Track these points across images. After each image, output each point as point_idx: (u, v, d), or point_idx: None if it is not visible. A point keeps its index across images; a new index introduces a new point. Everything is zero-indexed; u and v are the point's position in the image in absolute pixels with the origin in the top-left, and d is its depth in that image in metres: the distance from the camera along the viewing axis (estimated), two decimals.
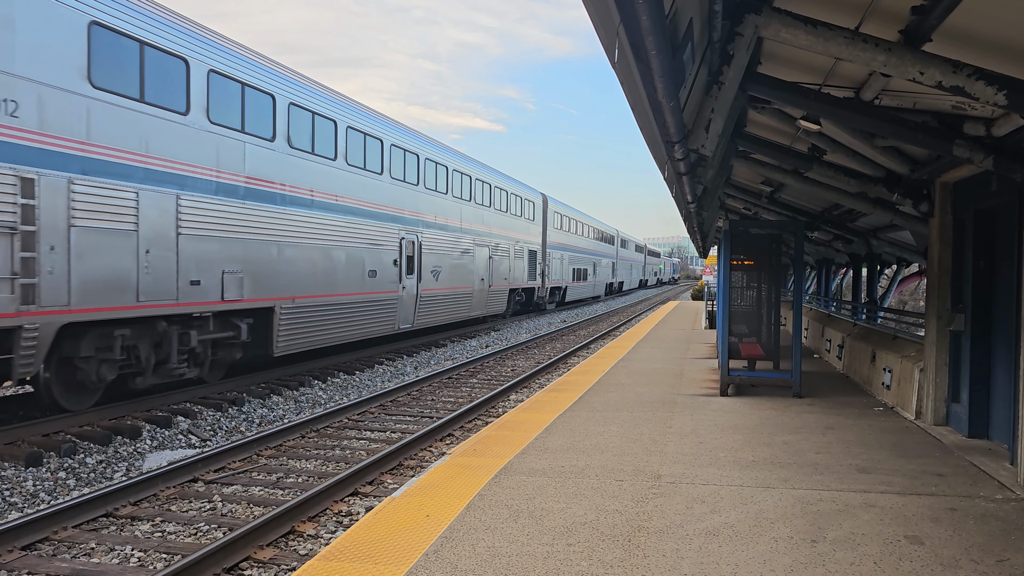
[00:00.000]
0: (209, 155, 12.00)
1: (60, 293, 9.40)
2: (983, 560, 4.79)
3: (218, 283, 12.25)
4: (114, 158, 10.24)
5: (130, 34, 10.46)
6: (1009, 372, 7.45)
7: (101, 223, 10.03)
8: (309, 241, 14.77)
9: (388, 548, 4.94)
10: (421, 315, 20.51)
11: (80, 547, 6.40)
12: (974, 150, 6.48)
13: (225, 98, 12.35)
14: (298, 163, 14.35)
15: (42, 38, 9.17)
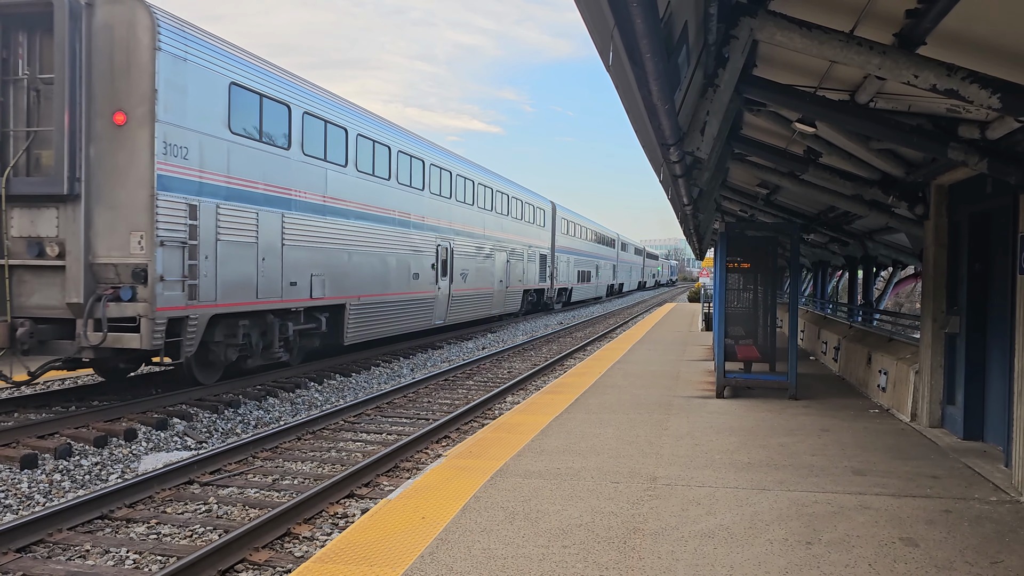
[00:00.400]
0: (302, 180, 14.66)
1: (211, 291, 12.06)
2: (977, 562, 4.80)
3: (308, 284, 14.82)
4: (244, 187, 12.90)
5: (253, 89, 13.11)
6: (1004, 374, 7.47)
7: (236, 237, 12.67)
8: (370, 248, 17.43)
9: (384, 550, 4.94)
10: (452, 313, 23.17)
11: (75, 549, 6.39)
12: (969, 153, 6.49)
13: (313, 134, 15.02)
14: (363, 184, 17.03)
15: (202, 98, 11.83)
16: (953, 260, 8.90)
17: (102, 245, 11.01)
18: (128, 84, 10.92)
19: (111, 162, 11.02)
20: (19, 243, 11.15)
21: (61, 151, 10.74)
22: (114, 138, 11.00)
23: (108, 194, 11.02)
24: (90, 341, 10.77)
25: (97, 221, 11.02)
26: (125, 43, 10.90)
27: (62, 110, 10.72)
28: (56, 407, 11.88)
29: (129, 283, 11.00)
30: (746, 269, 13.41)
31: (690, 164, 7.71)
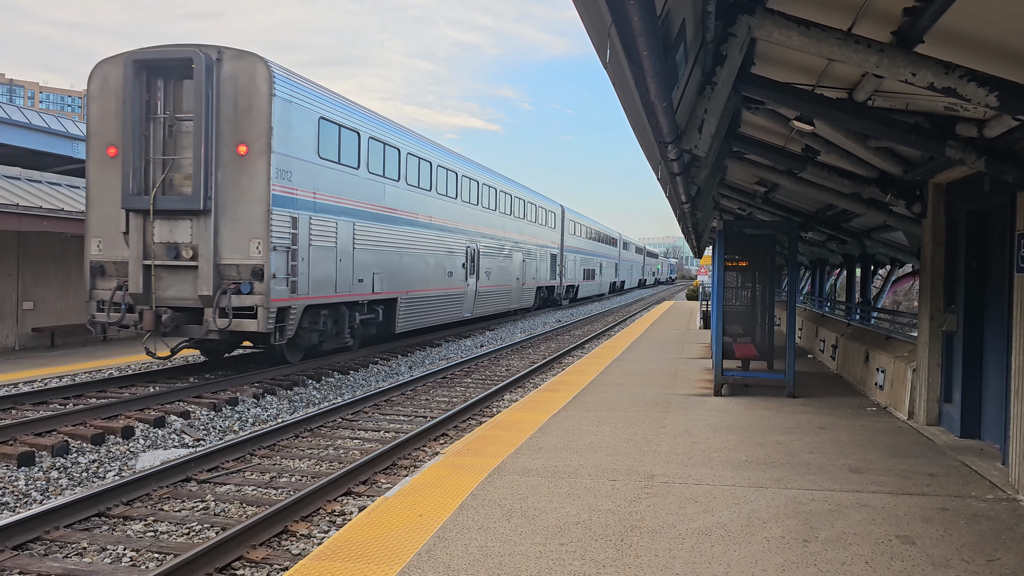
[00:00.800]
0: (367, 194, 17.41)
1: (305, 287, 14.68)
2: (974, 560, 4.81)
3: (371, 281, 17.56)
4: (327, 201, 15.56)
5: (334, 120, 15.80)
6: (1001, 373, 7.47)
7: (322, 243, 15.28)
8: (416, 250, 20.28)
9: (381, 548, 4.94)
10: (477, 306, 25.93)
11: (72, 547, 6.39)
12: (966, 151, 6.49)
13: (375, 155, 17.80)
14: (411, 195, 19.96)
15: (301, 131, 14.52)
16: (951, 258, 8.91)
17: (227, 249, 13.58)
18: (249, 122, 13.52)
19: (235, 184, 13.57)
20: (159, 247, 13.74)
21: (198, 175, 13.39)
22: (238, 165, 13.58)
23: (232, 209, 13.57)
24: (217, 325, 13.35)
25: (223, 230, 13.57)
26: (247, 90, 13.53)
27: (199, 143, 13.35)
28: (54, 404, 11.87)
29: (248, 280, 13.56)
30: (744, 267, 13.43)
31: (688, 162, 7.70)
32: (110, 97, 14.07)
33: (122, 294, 13.84)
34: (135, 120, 13.57)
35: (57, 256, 19.87)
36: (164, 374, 14.76)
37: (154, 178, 13.73)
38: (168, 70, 13.76)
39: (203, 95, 13.28)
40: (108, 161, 14.10)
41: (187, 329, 13.75)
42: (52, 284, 19.76)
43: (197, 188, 13.34)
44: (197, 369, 15.61)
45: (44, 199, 17.98)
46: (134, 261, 13.80)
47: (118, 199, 13.83)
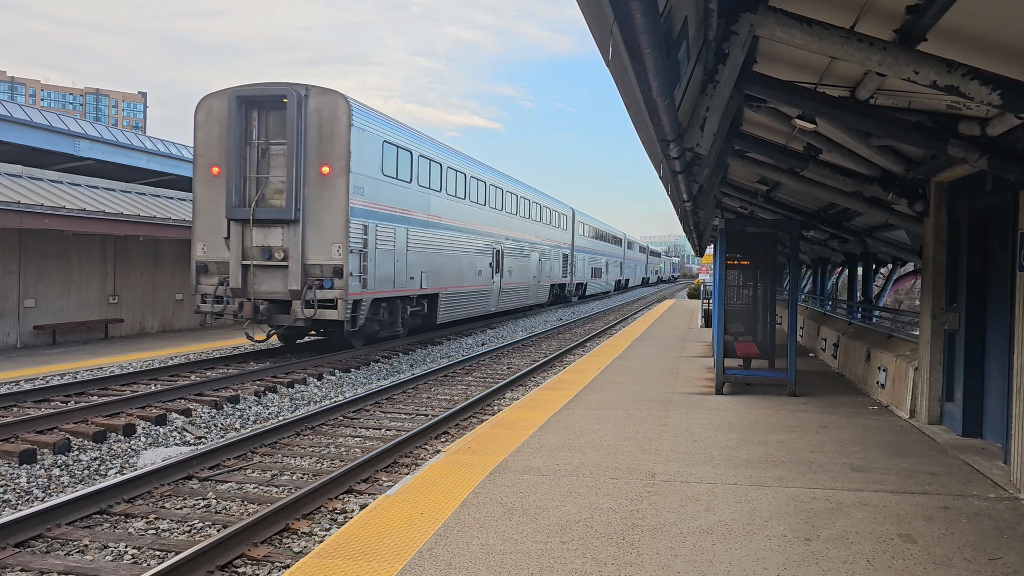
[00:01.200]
0: (417, 203, 20.21)
1: (373, 283, 17.24)
2: (976, 559, 4.81)
3: (419, 278, 20.23)
4: (387, 211, 18.21)
5: (393, 143, 18.47)
6: (1003, 371, 7.47)
7: (384, 246, 17.88)
8: (453, 251, 23.02)
9: (382, 545, 4.94)
10: (501, 302, 28.65)
11: (74, 544, 6.39)
12: (969, 150, 6.48)
13: (423, 170, 20.72)
14: (450, 203, 22.81)
15: (370, 154, 17.13)
16: (952, 257, 8.90)
17: (312, 252, 16.09)
18: (331, 147, 16.04)
19: (319, 198, 16.10)
20: (255, 250, 16.22)
21: (289, 191, 15.95)
22: (321, 183, 16.10)
23: (317, 218, 16.11)
24: (304, 315, 15.82)
25: (309, 236, 16.09)
26: (330, 121, 16.00)
27: (290, 164, 15.91)
28: (55, 402, 11.88)
29: (330, 277, 16.05)
30: (746, 266, 13.41)
31: (690, 160, 7.69)
32: (214, 125, 16.66)
33: (224, 288, 16.31)
34: (236, 145, 16.18)
35: (58, 254, 19.89)
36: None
37: (250, 193, 16.40)
38: (262, 103, 16.38)
39: (294, 125, 15.89)
40: (212, 179, 16.71)
41: (278, 318, 16.21)
42: (54, 282, 19.77)
43: (289, 201, 15.99)
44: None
45: (46, 197, 17.98)
46: (234, 261, 16.37)
47: (220, 210, 16.46)
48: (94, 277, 21.09)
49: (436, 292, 21.63)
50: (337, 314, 16.02)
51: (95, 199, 19.82)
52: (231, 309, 16.21)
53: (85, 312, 20.79)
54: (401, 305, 19.74)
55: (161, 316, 23.68)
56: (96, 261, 21.17)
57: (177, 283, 24.30)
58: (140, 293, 22.79)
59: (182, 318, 24.52)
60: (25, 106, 21.83)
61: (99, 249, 21.24)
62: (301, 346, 19.80)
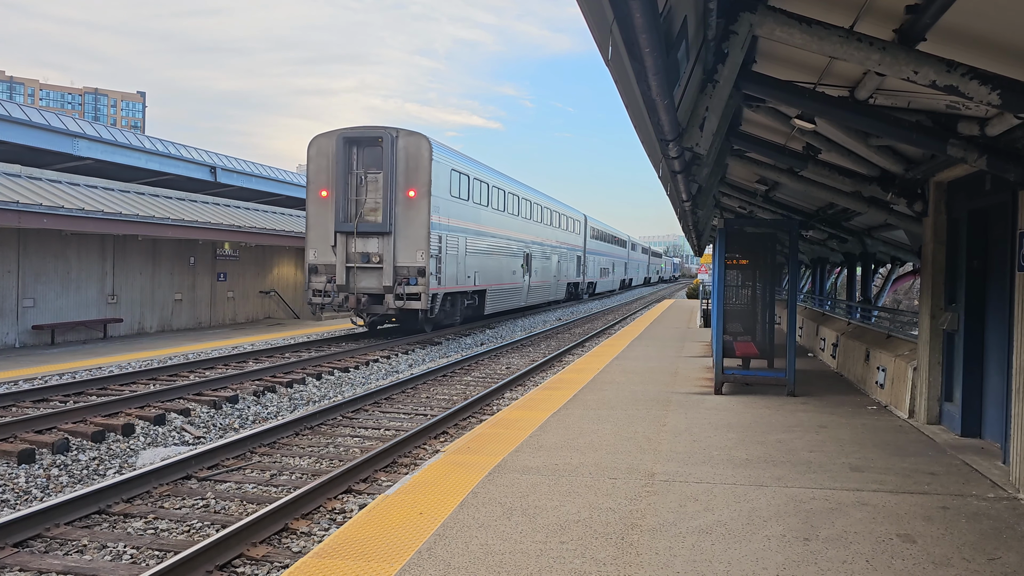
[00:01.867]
0: (472, 217, 24.94)
1: (443, 281, 21.69)
2: (975, 558, 4.81)
3: (473, 277, 24.95)
4: (453, 224, 22.76)
5: (458, 169, 23.28)
6: (1002, 371, 7.47)
7: (451, 252, 22.43)
8: (495, 255, 27.73)
9: (381, 545, 4.94)
10: (530, 297, 33.54)
11: (72, 544, 6.39)
12: (968, 150, 6.48)
13: (476, 189, 25.29)
14: (494, 215, 27.56)
15: (443, 180, 21.77)
16: (951, 257, 8.90)
17: (401, 256, 20.75)
18: (416, 176, 20.76)
19: (406, 215, 20.81)
20: (357, 255, 20.97)
21: (384, 209, 20.84)
22: (408, 203, 20.79)
23: (404, 231, 20.81)
24: (395, 305, 20.58)
25: (399, 244, 20.76)
26: (415, 156, 20.69)
27: (386, 189, 20.77)
28: (54, 401, 11.88)
29: (415, 276, 20.62)
30: (745, 266, 13.40)
31: (689, 160, 7.69)
32: (323, 158, 21.30)
33: (331, 285, 20.87)
34: (342, 174, 21.00)
35: (57, 253, 19.87)
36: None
37: (352, 211, 21.10)
38: (362, 142, 21.16)
39: (388, 159, 20.73)
40: (321, 200, 21.30)
41: (374, 308, 21.01)
42: (52, 282, 19.76)
43: (383, 217, 20.79)
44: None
45: (44, 197, 17.97)
46: (340, 264, 21.04)
47: (329, 224, 21.06)
48: (93, 277, 21.08)
49: (484, 288, 26.68)
50: (420, 304, 20.78)
51: (94, 199, 19.80)
52: (337, 301, 20.88)
53: (84, 312, 20.78)
54: (460, 299, 24.74)
55: (160, 316, 23.67)
56: (95, 261, 21.16)
57: (176, 283, 24.28)
58: (139, 293, 22.78)
59: (181, 318, 24.51)
60: (24, 105, 21.79)
61: (98, 249, 21.23)
62: (382, 331, 24.06)
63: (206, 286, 25.73)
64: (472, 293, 25.66)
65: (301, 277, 31.96)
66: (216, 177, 30.72)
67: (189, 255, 24.81)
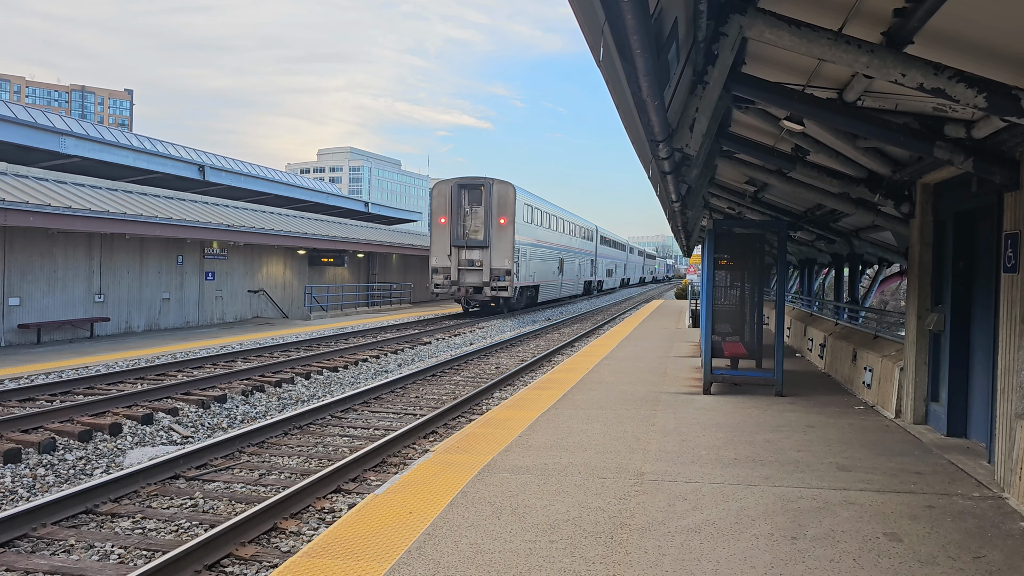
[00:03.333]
0: (533, 235, 34.85)
1: (519, 279, 31.97)
2: (960, 557, 4.85)
3: (533, 276, 34.60)
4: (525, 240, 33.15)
5: (528, 204, 33.94)
6: (987, 372, 7.54)
7: (523, 259, 32.39)
8: (544, 260, 37.51)
9: (371, 545, 4.94)
10: (562, 292, 43.40)
11: (59, 544, 6.35)
12: (955, 152, 6.54)
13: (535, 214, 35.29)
14: (543, 231, 37.07)
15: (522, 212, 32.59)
16: (938, 258, 8.97)
17: (495, 262, 30.22)
18: (505, 210, 30.55)
19: (499, 235, 30.43)
20: (465, 262, 30.41)
21: (485, 231, 30.71)
22: (500, 227, 30.50)
23: (497, 245, 30.43)
24: (489, 295, 30.21)
25: (493, 254, 30.18)
26: (505, 197, 30.56)
27: (487, 218, 30.53)
28: (40, 400, 11.80)
29: (503, 275, 30.07)
30: (733, 266, 13.45)
31: (679, 161, 7.73)
32: (442, 197, 31.21)
33: (447, 282, 30.79)
34: (456, 208, 30.95)
35: (43, 252, 19.75)
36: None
37: (461, 232, 30.90)
38: (469, 187, 31.07)
39: (487, 198, 30.65)
40: (440, 225, 31.09)
41: (475, 296, 30.95)
42: (38, 280, 19.63)
43: (484, 236, 30.70)
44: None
45: (31, 195, 17.85)
46: (453, 267, 30.87)
47: (446, 241, 30.96)
48: (79, 276, 20.96)
49: (538, 284, 37.00)
50: (507, 294, 30.94)
51: (81, 197, 19.68)
52: (451, 292, 30.97)
53: (70, 311, 20.65)
54: (525, 291, 35.11)
55: (147, 315, 23.55)
56: (82, 260, 21.03)
57: (164, 282, 24.16)
58: (126, 292, 22.66)
59: (168, 317, 24.40)
60: (10, 103, 21.66)
61: (85, 247, 21.10)
62: (472, 313, 33.87)
63: (194, 285, 25.62)
64: (531, 287, 36.22)
65: (290, 276, 31.88)
66: (205, 176, 30.61)
67: (177, 254, 24.70)
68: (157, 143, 31.65)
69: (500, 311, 33.59)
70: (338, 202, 42.86)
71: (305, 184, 42.35)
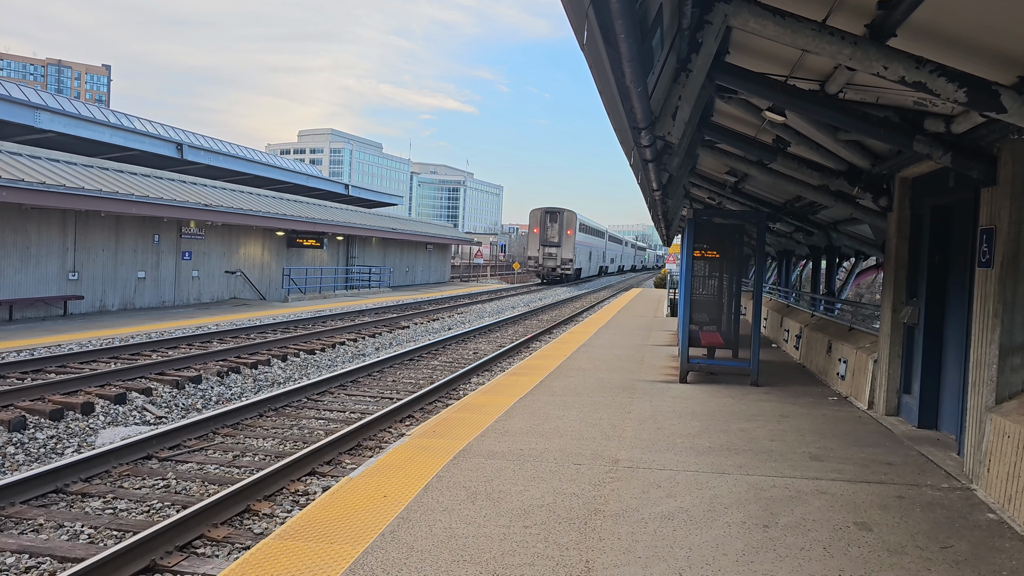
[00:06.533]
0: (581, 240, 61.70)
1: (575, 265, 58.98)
2: (928, 546, 4.92)
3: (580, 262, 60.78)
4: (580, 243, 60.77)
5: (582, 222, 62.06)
6: (959, 365, 7.63)
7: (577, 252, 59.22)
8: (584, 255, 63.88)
9: (344, 528, 4.92)
10: (589, 273, 68.44)
11: (28, 523, 6.28)
12: (933, 146, 6.59)
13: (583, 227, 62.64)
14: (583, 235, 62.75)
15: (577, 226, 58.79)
16: (914, 252, 9.06)
17: (564, 255, 56.52)
18: (571, 225, 56.85)
19: (566, 240, 56.84)
20: (547, 255, 56.32)
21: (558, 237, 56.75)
22: (567, 236, 57.00)
23: (565, 245, 56.97)
24: (560, 273, 56.84)
25: (563, 250, 56.96)
26: (570, 219, 57.13)
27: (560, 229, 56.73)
28: (11, 379, 11.64)
29: (568, 262, 56.24)
30: (712, 256, 13.53)
31: (661, 149, 7.72)
32: (535, 217, 56.71)
33: (537, 265, 55.97)
34: (542, 225, 56.31)
35: (16, 228, 19.43)
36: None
37: (545, 237, 55.92)
38: (550, 212, 56.55)
39: (560, 219, 56.41)
40: (534, 234, 56.35)
41: (552, 274, 56.00)
42: (11, 257, 19.33)
43: (558, 240, 55.86)
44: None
45: (5, 169, 17.53)
46: (540, 256, 55.96)
47: (536, 242, 56.22)
48: (53, 253, 20.65)
49: (580, 267, 59.32)
50: (570, 274, 55.90)
51: (55, 173, 19.37)
52: (538, 270, 55.71)
53: (43, 288, 20.36)
54: (576, 271, 57.50)
55: (122, 294, 23.28)
56: (56, 236, 20.72)
57: (139, 261, 23.88)
58: (101, 270, 22.37)
59: (144, 296, 24.14)
60: None
61: (59, 224, 20.79)
62: (545, 284, 55.17)
63: (170, 265, 25.35)
64: (577, 269, 58.23)
65: (268, 258, 31.61)
66: (183, 154, 30.23)
67: (153, 233, 24.41)
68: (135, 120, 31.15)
69: (562, 282, 57.33)
70: (318, 184, 42.55)
71: (285, 165, 41.95)
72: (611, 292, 52.69)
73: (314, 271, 35.21)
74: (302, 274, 33.91)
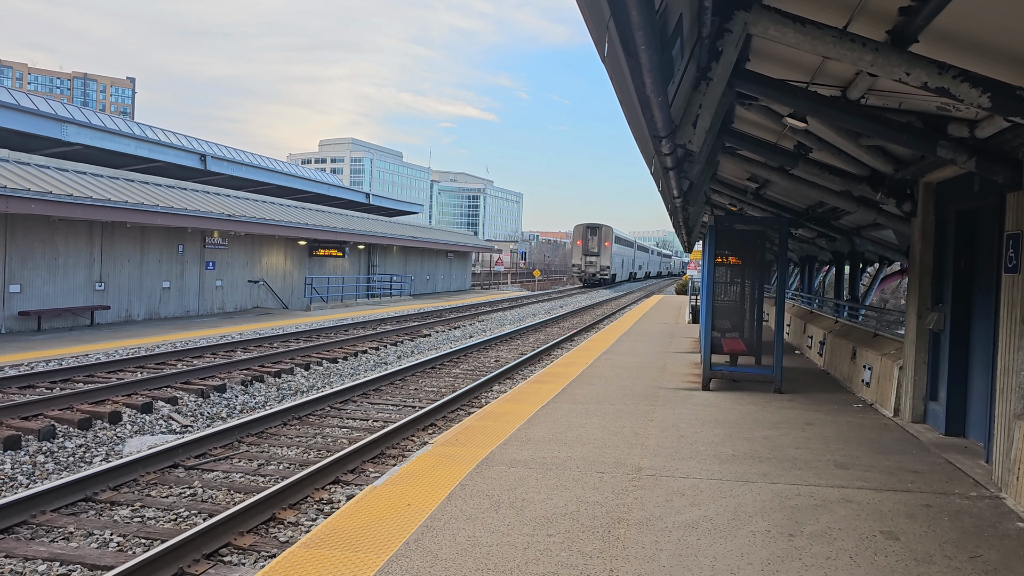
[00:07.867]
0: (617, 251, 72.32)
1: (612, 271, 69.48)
2: (956, 556, 4.87)
3: (615, 269, 70.93)
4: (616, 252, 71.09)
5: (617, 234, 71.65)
6: (986, 371, 7.54)
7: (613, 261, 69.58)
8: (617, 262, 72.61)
9: (369, 536, 4.95)
10: (621, 278, 77.61)
11: (59, 531, 6.38)
12: (957, 151, 6.53)
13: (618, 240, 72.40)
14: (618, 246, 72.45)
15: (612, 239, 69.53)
16: (939, 257, 8.97)
17: (602, 263, 66.76)
18: (608, 238, 67.22)
19: (604, 250, 66.94)
20: (588, 263, 66.91)
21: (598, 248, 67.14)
22: (604, 247, 66.91)
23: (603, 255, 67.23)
24: (599, 278, 67.37)
25: (602, 259, 66.76)
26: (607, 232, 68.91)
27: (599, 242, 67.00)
28: (40, 388, 11.82)
29: (606, 269, 66.78)
30: (734, 263, 13.45)
31: (681, 157, 7.72)
32: (579, 231, 66.93)
33: (580, 271, 67.10)
34: (584, 237, 66.39)
35: (45, 239, 19.75)
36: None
37: (587, 248, 66.14)
38: (591, 226, 66.99)
39: (599, 232, 66.74)
40: (576, 246, 67.04)
41: (592, 279, 66.83)
42: (39, 267, 19.64)
43: (598, 250, 66.24)
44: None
45: (32, 182, 17.84)
46: (584, 264, 66.57)
47: (579, 252, 66.57)
48: (80, 263, 20.96)
49: (615, 273, 69.88)
50: (607, 278, 66.51)
51: (82, 185, 19.68)
52: (581, 275, 66.74)
53: (71, 298, 20.66)
54: (612, 276, 68.02)
55: (148, 304, 23.56)
56: (83, 247, 21.03)
57: (164, 271, 24.17)
58: (127, 280, 22.67)
59: (169, 306, 24.42)
60: (12, 90, 21.64)
61: (86, 235, 21.10)
62: (587, 287, 65.59)
63: (194, 275, 25.63)
64: (613, 275, 67.12)
65: (290, 267, 31.87)
66: (206, 165, 30.60)
67: (178, 243, 24.70)
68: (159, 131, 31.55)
69: (602, 285, 66.64)
70: (339, 193, 42.86)
71: (306, 175, 42.30)
72: (633, 299, 52.03)
73: (336, 280, 35.44)
74: (324, 283, 34.14)
